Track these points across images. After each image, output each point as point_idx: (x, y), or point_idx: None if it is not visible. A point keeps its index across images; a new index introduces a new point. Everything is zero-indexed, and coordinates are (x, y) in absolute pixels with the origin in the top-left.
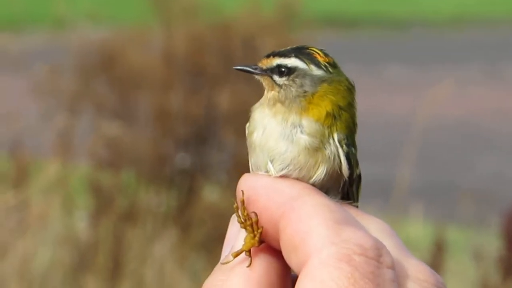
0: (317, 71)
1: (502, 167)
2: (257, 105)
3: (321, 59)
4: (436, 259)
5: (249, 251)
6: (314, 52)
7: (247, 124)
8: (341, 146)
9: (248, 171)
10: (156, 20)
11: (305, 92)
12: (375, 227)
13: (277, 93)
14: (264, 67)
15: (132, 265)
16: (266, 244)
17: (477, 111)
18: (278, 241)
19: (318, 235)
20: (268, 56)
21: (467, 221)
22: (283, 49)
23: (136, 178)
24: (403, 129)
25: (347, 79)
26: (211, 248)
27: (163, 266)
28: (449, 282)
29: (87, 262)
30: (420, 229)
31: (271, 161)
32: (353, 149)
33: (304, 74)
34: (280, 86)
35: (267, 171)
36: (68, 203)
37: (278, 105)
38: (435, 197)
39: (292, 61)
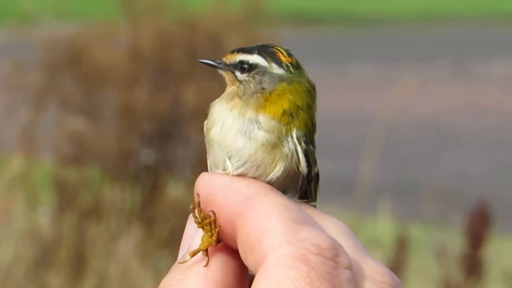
0: (277, 70)
1: (467, 164)
2: (216, 100)
3: (283, 58)
4: (398, 256)
5: (206, 250)
6: (278, 51)
7: (205, 121)
8: (300, 144)
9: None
10: (123, 16)
11: (263, 89)
12: (332, 227)
13: (236, 88)
14: (228, 62)
15: (95, 261)
16: (223, 243)
17: (443, 108)
18: (235, 241)
19: (275, 234)
20: (232, 52)
21: (432, 219)
22: (248, 46)
23: (101, 174)
24: (368, 126)
25: (308, 81)
26: (175, 244)
27: (127, 263)
28: (412, 280)
29: (50, 258)
30: (385, 226)
31: (229, 158)
32: (311, 147)
33: (264, 71)
34: (240, 81)
35: (224, 169)
36: (31, 198)
37: (236, 99)
38: (400, 194)
39: (253, 58)
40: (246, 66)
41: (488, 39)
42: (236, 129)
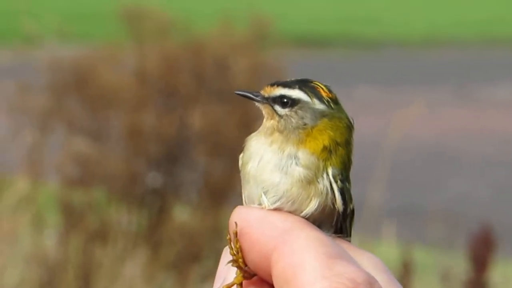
0: (319, 105)
1: (472, 188)
2: (253, 134)
3: (324, 93)
4: (403, 280)
5: (241, 284)
6: (318, 86)
7: (241, 155)
8: (336, 182)
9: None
10: (129, 38)
11: (305, 124)
12: (367, 262)
13: (276, 123)
14: (266, 95)
15: (102, 284)
16: (258, 277)
17: (447, 132)
18: (270, 275)
19: (311, 269)
20: (272, 85)
21: (436, 243)
22: (287, 80)
23: (107, 196)
24: (373, 150)
25: (347, 117)
26: (181, 268)
27: (133, 285)
28: None
29: (56, 281)
30: (390, 250)
31: (265, 193)
32: (347, 184)
33: (306, 107)
34: (280, 116)
35: (260, 204)
36: (37, 220)
37: (276, 134)
38: (405, 218)
39: (296, 93)
40: (287, 100)
41: (492, 63)
42: (273, 164)
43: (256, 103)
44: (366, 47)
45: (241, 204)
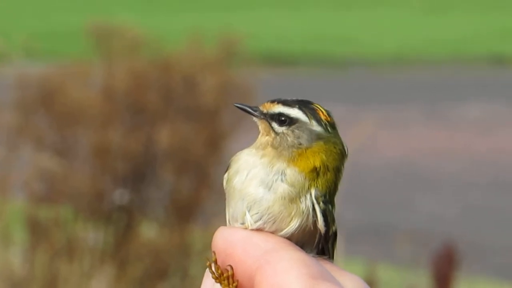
0: (316, 127)
1: (440, 207)
2: (244, 150)
3: (323, 116)
4: None
5: None
6: (318, 109)
7: (226, 172)
8: (318, 203)
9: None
10: (97, 56)
11: (300, 144)
12: (350, 282)
13: (271, 139)
14: (265, 111)
15: None
16: None
17: (418, 152)
18: None
19: None
20: (272, 102)
21: (405, 261)
22: (288, 99)
23: (74, 213)
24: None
25: (342, 144)
26: (147, 285)
27: None
28: None
29: None
30: (358, 269)
31: (248, 210)
32: (330, 206)
33: (304, 127)
34: (277, 133)
35: (243, 223)
36: (3, 237)
37: (269, 149)
38: (373, 236)
39: (295, 112)
40: (285, 119)
41: (463, 83)
42: (260, 178)
43: (254, 118)
44: (336, 66)
45: (207, 222)
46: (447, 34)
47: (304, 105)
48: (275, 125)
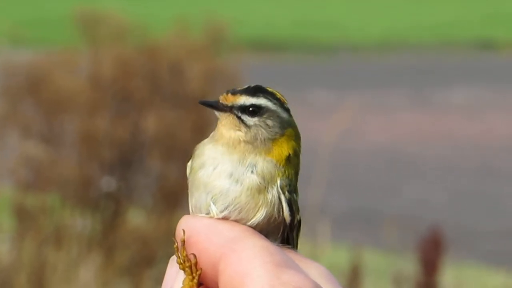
0: (283, 113)
1: (427, 192)
2: (206, 141)
3: (284, 101)
4: (352, 283)
5: None
6: (277, 94)
7: (189, 162)
8: (283, 193)
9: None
10: (84, 43)
11: (275, 133)
12: (314, 271)
13: (243, 134)
14: (230, 104)
15: None
16: (204, 286)
17: (403, 137)
18: (217, 284)
19: (258, 277)
20: (233, 93)
21: (391, 247)
22: (244, 87)
23: (61, 200)
24: (323, 154)
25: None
26: (135, 272)
27: None
28: None
29: (10, 285)
30: (345, 254)
31: (214, 202)
32: (295, 195)
33: (274, 115)
34: (248, 126)
35: (208, 213)
36: None
37: (242, 145)
38: (361, 222)
39: (263, 101)
40: (255, 109)
41: (448, 67)
42: (228, 172)
43: (217, 112)
44: (322, 52)
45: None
46: (432, 19)
47: (264, 92)
48: (246, 117)
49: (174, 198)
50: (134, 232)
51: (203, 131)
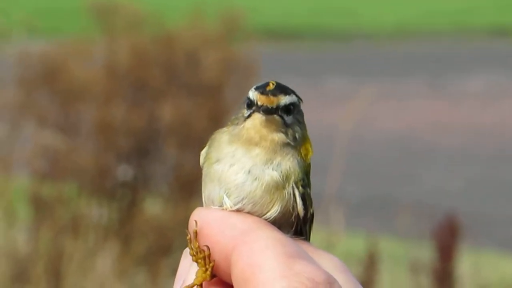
0: (301, 105)
1: (443, 179)
2: (226, 137)
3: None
4: (368, 271)
5: (201, 285)
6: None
7: (204, 150)
8: (297, 187)
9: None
10: (99, 32)
11: (304, 128)
12: (327, 262)
13: (285, 135)
14: (275, 106)
15: (72, 277)
16: (217, 278)
17: (419, 124)
18: (229, 275)
19: (270, 268)
20: (274, 94)
21: (408, 234)
22: (272, 87)
23: (78, 190)
24: (339, 142)
25: None
26: (152, 261)
27: (104, 279)
28: None
29: (27, 274)
30: (361, 242)
31: (227, 195)
32: (308, 189)
33: (299, 110)
34: (288, 126)
35: (221, 205)
36: (7, 215)
37: (279, 146)
38: (376, 209)
39: (295, 98)
40: (291, 107)
41: (464, 54)
42: (245, 169)
43: (267, 117)
44: (338, 39)
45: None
46: (447, 6)
47: (288, 88)
48: (286, 117)
49: (190, 186)
50: (151, 221)
51: (219, 119)
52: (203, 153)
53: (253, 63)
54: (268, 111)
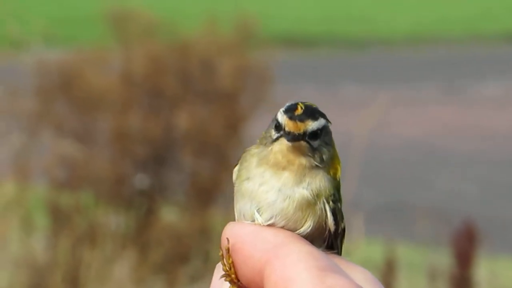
0: (329, 125)
1: (459, 185)
2: (255, 161)
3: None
4: (386, 278)
5: None
6: (313, 104)
7: (236, 168)
8: (328, 202)
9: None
10: (115, 40)
11: (331, 148)
12: (359, 275)
13: (313, 158)
14: (301, 132)
15: (90, 286)
16: None
17: (434, 129)
18: None
19: (302, 281)
20: (301, 120)
21: (424, 240)
22: (300, 111)
23: (95, 198)
24: (355, 148)
25: None
26: (169, 269)
27: (122, 287)
28: None
29: (45, 283)
30: (377, 248)
31: (259, 211)
32: (339, 204)
33: (327, 131)
34: (315, 149)
35: (253, 220)
36: (25, 224)
37: (309, 171)
38: (393, 215)
39: (323, 122)
40: (318, 132)
41: (478, 60)
42: (276, 188)
43: (294, 143)
44: (352, 46)
45: (228, 205)
46: (461, 12)
47: (317, 111)
48: (313, 142)
49: (207, 194)
50: (168, 229)
51: (235, 126)
52: (235, 170)
53: (268, 70)
54: (295, 138)
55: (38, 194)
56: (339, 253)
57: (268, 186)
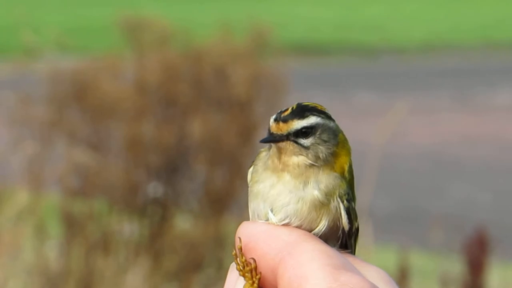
0: (331, 123)
1: (473, 193)
2: (261, 167)
3: (326, 110)
4: (399, 284)
5: None
6: (317, 106)
7: (250, 169)
8: (342, 201)
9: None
10: (128, 49)
11: (332, 145)
12: (373, 274)
13: (305, 157)
14: (285, 132)
15: None
16: None
17: (447, 138)
18: None
19: (316, 279)
20: (284, 121)
21: (438, 248)
22: (289, 111)
23: (108, 206)
24: (370, 156)
25: None
26: (183, 277)
27: None
28: None
29: None
30: (391, 256)
31: (272, 211)
32: (353, 203)
33: (326, 128)
34: (307, 148)
35: (267, 220)
36: (39, 231)
37: (305, 168)
38: (406, 223)
39: (313, 120)
40: (308, 130)
41: (492, 68)
42: (288, 190)
43: (278, 144)
44: (365, 54)
45: (241, 213)
46: (474, 21)
47: (309, 109)
48: (302, 140)
49: (221, 202)
50: (182, 237)
51: (248, 135)
52: (250, 171)
53: (282, 78)
54: (277, 139)
55: (52, 202)
56: (352, 252)
57: (278, 189)
